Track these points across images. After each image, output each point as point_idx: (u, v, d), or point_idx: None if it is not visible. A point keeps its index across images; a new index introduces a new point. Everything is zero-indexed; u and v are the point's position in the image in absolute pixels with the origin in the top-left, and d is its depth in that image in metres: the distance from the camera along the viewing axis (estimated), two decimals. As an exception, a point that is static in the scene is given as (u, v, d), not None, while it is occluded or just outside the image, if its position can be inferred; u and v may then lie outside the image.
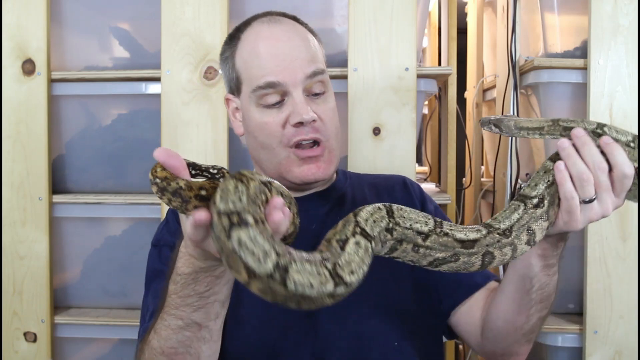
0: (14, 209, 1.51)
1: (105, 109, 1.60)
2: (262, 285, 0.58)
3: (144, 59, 1.56)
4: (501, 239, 0.72)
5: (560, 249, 0.83)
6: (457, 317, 1.01)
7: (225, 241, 0.58)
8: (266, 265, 0.57)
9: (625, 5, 1.41)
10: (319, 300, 0.60)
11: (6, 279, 1.51)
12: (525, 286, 0.85)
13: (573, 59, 1.46)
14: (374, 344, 0.95)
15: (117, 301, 1.60)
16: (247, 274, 0.58)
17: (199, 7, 1.45)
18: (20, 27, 1.49)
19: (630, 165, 0.71)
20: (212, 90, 1.45)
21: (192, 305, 0.77)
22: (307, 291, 0.59)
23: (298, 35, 1.00)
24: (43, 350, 1.51)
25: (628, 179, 0.71)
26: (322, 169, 0.98)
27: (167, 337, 0.80)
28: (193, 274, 0.75)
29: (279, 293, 0.58)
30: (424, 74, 1.49)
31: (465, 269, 0.73)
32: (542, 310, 0.88)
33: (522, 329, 0.90)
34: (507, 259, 0.74)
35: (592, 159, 0.72)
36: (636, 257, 1.42)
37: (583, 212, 0.72)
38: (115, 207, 1.53)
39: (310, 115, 0.95)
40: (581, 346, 1.45)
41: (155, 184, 0.67)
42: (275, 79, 0.95)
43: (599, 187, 0.72)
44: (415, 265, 0.73)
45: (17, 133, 1.50)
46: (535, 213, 0.73)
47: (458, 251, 0.71)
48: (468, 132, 2.18)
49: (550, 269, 0.84)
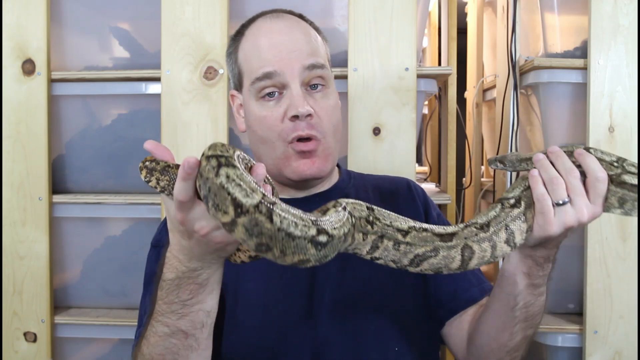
0: (14, 209, 1.51)
1: (105, 109, 1.60)
2: (248, 221, 0.60)
3: (144, 59, 1.56)
4: (479, 232, 0.74)
5: (546, 270, 0.83)
6: (448, 328, 1.01)
7: (213, 179, 0.61)
8: (253, 198, 0.60)
9: (625, 5, 1.41)
10: (303, 244, 0.61)
11: (6, 279, 1.51)
12: (510, 303, 0.86)
13: (573, 59, 1.46)
14: (374, 348, 0.95)
15: (117, 301, 1.60)
16: (234, 208, 0.60)
17: (199, 7, 1.45)
18: (20, 27, 1.49)
19: (603, 170, 0.73)
20: (212, 90, 1.45)
21: (177, 312, 0.77)
22: (291, 229, 0.60)
23: (300, 30, 1.00)
24: (43, 350, 1.51)
25: (601, 183, 0.73)
26: (316, 165, 0.97)
27: (155, 343, 0.80)
28: (176, 279, 0.75)
29: (264, 229, 0.60)
30: (424, 74, 1.49)
31: (446, 265, 0.73)
32: (526, 330, 0.88)
33: (505, 346, 0.90)
34: (488, 257, 0.74)
35: (563, 167, 0.75)
36: (636, 257, 1.42)
37: (557, 215, 0.74)
38: (115, 207, 1.53)
39: (305, 109, 0.93)
40: (581, 346, 1.45)
41: (144, 167, 0.70)
42: (272, 69, 0.95)
43: (571, 191, 0.74)
44: (398, 268, 0.74)
45: (17, 133, 1.50)
46: (513, 212, 0.75)
47: (437, 245, 0.73)
48: (468, 132, 2.18)
49: (536, 289, 0.84)
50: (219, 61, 1.45)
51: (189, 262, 0.74)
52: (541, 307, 0.87)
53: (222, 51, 1.45)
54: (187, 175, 0.65)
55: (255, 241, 0.61)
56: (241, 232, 0.61)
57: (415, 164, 1.49)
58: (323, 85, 0.99)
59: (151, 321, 0.81)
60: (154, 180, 0.71)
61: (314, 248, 0.63)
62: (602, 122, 1.42)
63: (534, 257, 0.81)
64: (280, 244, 0.61)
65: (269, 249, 0.62)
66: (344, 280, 0.97)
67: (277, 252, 0.62)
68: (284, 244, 0.61)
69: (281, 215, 0.61)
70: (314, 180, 1.00)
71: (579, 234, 1.46)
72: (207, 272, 0.75)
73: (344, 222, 0.67)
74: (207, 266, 0.74)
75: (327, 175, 1.02)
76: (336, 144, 1.02)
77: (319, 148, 0.97)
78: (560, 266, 1.50)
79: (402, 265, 0.74)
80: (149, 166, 0.71)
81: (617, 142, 1.42)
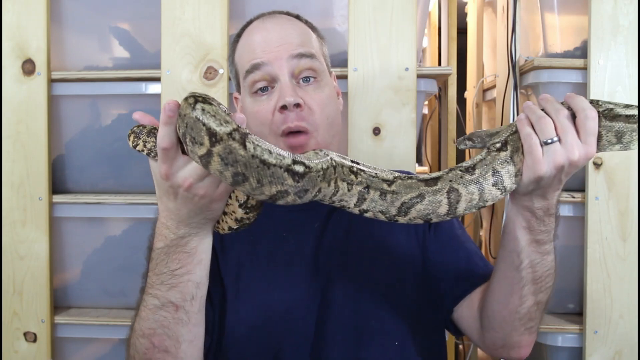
0: (14, 209, 1.51)
1: (105, 109, 1.60)
2: (222, 149, 0.61)
3: (144, 59, 1.56)
4: (464, 175, 0.74)
5: (548, 225, 0.81)
6: (459, 312, 0.99)
7: (189, 113, 0.63)
8: (227, 126, 0.62)
9: (625, 5, 1.41)
10: (279, 173, 0.62)
11: (6, 279, 1.51)
12: (514, 262, 0.84)
13: (573, 59, 1.46)
14: (375, 343, 0.95)
15: (117, 301, 1.60)
16: (209, 138, 0.61)
17: (199, 7, 1.45)
18: (20, 27, 1.49)
19: (592, 109, 0.72)
20: (212, 90, 1.45)
21: (166, 283, 0.77)
22: (265, 156, 0.62)
23: (291, 25, 1.00)
24: (43, 350, 1.51)
25: (591, 121, 0.72)
26: None
27: (146, 317, 0.80)
28: (165, 248, 0.76)
29: (238, 157, 0.61)
30: (424, 74, 1.49)
31: (434, 210, 0.73)
32: (536, 294, 0.86)
33: (516, 312, 0.87)
34: (477, 201, 0.73)
35: (552, 107, 0.74)
36: (636, 257, 1.42)
37: (546, 154, 0.72)
38: (115, 207, 1.53)
39: (294, 99, 0.93)
40: (581, 346, 1.45)
41: (132, 133, 0.73)
42: (260, 60, 0.96)
43: (560, 130, 0.72)
44: (388, 220, 0.74)
45: (17, 133, 1.50)
46: (499, 156, 0.74)
47: (423, 190, 0.73)
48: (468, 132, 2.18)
49: (540, 247, 0.82)
50: (219, 61, 1.45)
51: (177, 228, 0.74)
52: (550, 268, 0.85)
53: (222, 51, 1.45)
54: (168, 118, 0.67)
55: (231, 171, 0.62)
56: (217, 162, 0.62)
57: (415, 164, 1.49)
58: (315, 78, 0.98)
59: (143, 296, 0.81)
60: (141, 144, 0.73)
61: (291, 178, 0.63)
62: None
63: (532, 209, 0.79)
64: (256, 172, 0.62)
65: (245, 179, 0.62)
66: (345, 275, 0.97)
67: (254, 181, 0.62)
68: (260, 173, 0.62)
69: (254, 143, 0.62)
70: None
71: (579, 234, 1.46)
72: (195, 239, 0.75)
73: (322, 160, 0.68)
74: (194, 232, 0.75)
75: None
76: (331, 139, 1.00)
77: (309, 142, 0.96)
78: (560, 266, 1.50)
79: (391, 216, 0.74)
80: (136, 131, 0.73)
81: (617, 142, 1.41)
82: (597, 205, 1.43)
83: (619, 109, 0.73)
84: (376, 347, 0.95)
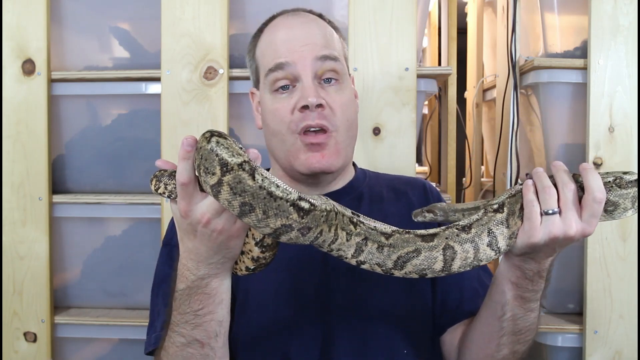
0: (14, 209, 1.51)
1: (105, 109, 1.60)
2: (232, 178, 0.64)
3: (144, 59, 1.56)
4: (460, 233, 0.75)
5: (537, 286, 0.81)
6: (446, 335, 1.01)
7: (205, 146, 0.66)
8: (239, 158, 0.65)
9: (625, 5, 1.41)
10: (285, 207, 0.65)
11: (6, 279, 1.51)
12: (497, 312, 0.85)
13: (573, 59, 1.46)
14: (382, 352, 0.95)
15: (117, 301, 1.60)
16: (220, 167, 0.64)
17: (199, 7, 1.45)
18: (20, 27, 1.49)
19: (603, 191, 0.71)
20: (212, 90, 1.45)
21: (190, 322, 0.79)
22: (272, 188, 0.65)
23: (316, 25, 1.00)
24: (43, 350, 1.51)
25: (598, 204, 0.71)
26: (326, 158, 0.95)
27: (174, 354, 0.82)
28: (187, 289, 0.77)
29: (247, 187, 0.64)
30: (424, 74, 1.49)
31: (429, 266, 0.74)
32: (514, 345, 0.87)
33: (492, 357, 0.89)
34: (471, 260, 0.74)
35: (560, 179, 0.73)
36: (636, 257, 1.42)
37: (544, 223, 0.73)
38: (115, 207, 1.53)
39: (315, 99, 0.93)
40: (581, 346, 1.45)
41: (154, 177, 0.76)
42: (284, 60, 0.95)
43: (563, 203, 0.72)
44: (384, 272, 0.74)
45: (17, 133, 1.50)
46: (495, 217, 0.75)
47: (419, 245, 0.74)
48: (468, 132, 2.18)
49: (525, 303, 0.83)
50: (219, 61, 1.45)
51: (197, 269, 0.75)
52: (532, 324, 0.86)
53: (222, 51, 1.45)
54: (186, 152, 0.69)
55: (239, 200, 0.64)
56: (226, 192, 0.65)
57: (415, 164, 1.49)
58: (337, 80, 0.98)
59: (168, 332, 0.82)
60: (162, 186, 0.75)
61: (296, 213, 0.66)
62: (602, 122, 1.42)
63: (523, 269, 0.79)
64: (263, 203, 0.64)
65: (252, 210, 0.65)
66: (353, 283, 0.97)
67: (260, 212, 0.65)
68: (266, 204, 0.64)
69: (263, 175, 0.65)
70: (323, 174, 0.98)
71: (579, 234, 1.46)
72: (215, 280, 0.77)
73: (326, 202, 0.70)
74: (214, 273, 0.76)
75: (338, 171, 1.00)
76: (350, 141, 1.00)
77: (329, 141, 0.95)
78: (560, 266, 1.50)
79: (387, 269, 0.74)
80: (157, 175, 0.76)
81: (617, 142, 1.42)
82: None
83: (626, 177, 0.74)
84: (384, 353, 0.95)
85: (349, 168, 1.07)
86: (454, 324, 1.00)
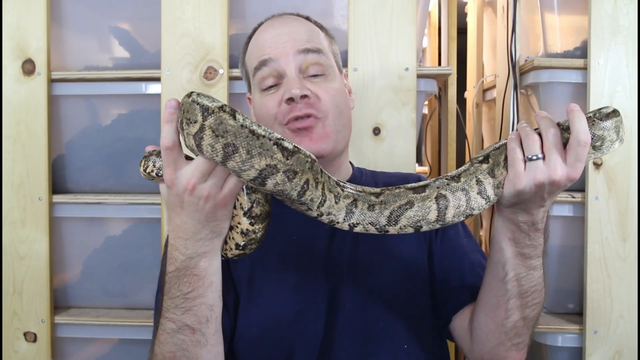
0: (14, 209, 1.51)
1: (105, 109, 1.60)
2: (214, 120, 0.65)
3: (144, 59, 1.56)
4: (450, 182, 0.76)
5: (535, 240, 0.80)
6: (454, 322, 1.00)
7: (186, 100, 0.68)
8: (218, 103, 0.66)
9: (625, 5, 1.41)
10: (268, 145, 0.65)
11: (6, 279, 1.51)
12: (499, 274, 0.84)
13: (573, 59, 1.46)
14: (383, 346, 0.95)
15: (117, 301, 1.60)
16: (202, 113, 0.65)
17: (199, 7, 1.45)
18: (20, 27, 1.49)
19: (588, 134, 0.71)
20: (212, 91, 1.45)
21: (180, 307, 0.78)
22: (254, 126, 0.65)
23: (299, 23, 1.01)
24: (43, 350, 1.51)
25: (582, 148, 0.71)
26: (315, 142, 0.94)
27: (165, 341, 0.81)
28: (176, 271, 0.77)
29: (229, 127, 0.64)
30: (424, 74, 1.49)
31: (424, 217, 0.74)
32: (523, 309, 0.85)
33: (503, 325, 0.87)
34: (464, 208, 0.75)
35: (544, 124, 0.74)
36: (636, 257, 1.42)
37: (528, 169, 0.73)
38: (115, 207, 1.53)
39: (300, 91, 0.93)
40: (581, 346, 1.45)
41: (143, 158, 0.77)
42: (267, 56, 0.97)
43: (546, 148, 0.72)
44: (379, 231, 0.74)
45: (17, 133, 1.50)
46: (481, 167, 0.76)
47: (411, 197, 0.74)
48: (468, 132, 2.18)
49: (526, 260, 0.82)
50: (219, 61, 1.45)
51: (185, 247, 0.75)
52: (537, 284, 0.84)
53: (222, 51, 1.45)
54: (170, 115, 0.70)
55: (221, 142, 0.65)
56: (208, 135, 0.65)
57: (415, 164, 1.49)
58: (323, 74, 0.98)
59: (160, 319, 0.82)
60: (151, 165, 0.76)
61: (280, 152, 0.65)
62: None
63: (516, 222, 0.79)
64: (245, 142, 0.64)
65: (235, 150, 0.65)
66: (354, 278, 0.97)
67: (244, 152, 0.65)
68: (249, 143, 0.64)
69: (244, 116, 0.65)
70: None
71: (579, 234, 1.46)
72: (204, 260, 0.76)
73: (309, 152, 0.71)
74: (202, 252, 0.76)
75: (329, 156, 0.98)
76: (341, 128, 0.99)
77: (317, 125, 0.95)
78: (560, 266, 1.50)
79: (381, 227, 0.74)
80: (146, 155, 0.77)
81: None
82: (597, 205, 1.43)
83: (604, 110, 0.75)
84: (384, 350, 0.95)
85: (346, 166, 1.08)
86: (459, 309, 0.99)
